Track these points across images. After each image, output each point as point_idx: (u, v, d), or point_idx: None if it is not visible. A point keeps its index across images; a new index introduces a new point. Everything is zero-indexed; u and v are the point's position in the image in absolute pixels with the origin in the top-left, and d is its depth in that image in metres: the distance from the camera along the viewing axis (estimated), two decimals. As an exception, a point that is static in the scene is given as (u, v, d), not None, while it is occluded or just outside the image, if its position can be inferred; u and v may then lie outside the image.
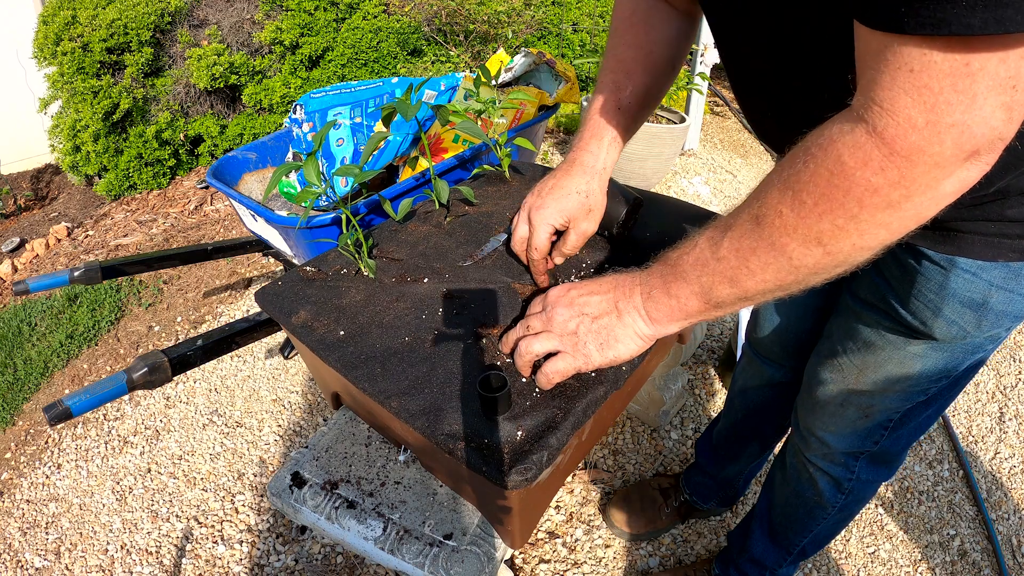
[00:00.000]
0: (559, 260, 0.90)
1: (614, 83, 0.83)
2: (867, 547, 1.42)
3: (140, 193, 3.10)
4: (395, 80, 1.83)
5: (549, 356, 0.69)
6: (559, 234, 0.86)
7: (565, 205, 0.82)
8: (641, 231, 1.06)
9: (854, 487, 0.95)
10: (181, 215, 2.87)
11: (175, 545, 1.46)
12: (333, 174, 0.98)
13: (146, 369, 1.18)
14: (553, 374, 0.68)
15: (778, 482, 1.09)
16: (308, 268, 0.99)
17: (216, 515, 1.52)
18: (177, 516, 1.53)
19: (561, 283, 0.77)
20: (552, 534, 1.43)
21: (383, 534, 0.86)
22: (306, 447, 1.00)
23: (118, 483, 1.62)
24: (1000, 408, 1.76)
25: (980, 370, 1.90)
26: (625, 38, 0.83)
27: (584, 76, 3.49)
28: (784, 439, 1.24)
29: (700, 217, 1.13)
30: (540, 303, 0.72)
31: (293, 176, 1.76)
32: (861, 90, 0.44)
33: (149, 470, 1.65)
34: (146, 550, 1.46)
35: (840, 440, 0.91)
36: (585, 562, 1.37)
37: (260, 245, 1.86)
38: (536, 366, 0.71)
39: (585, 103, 2.68)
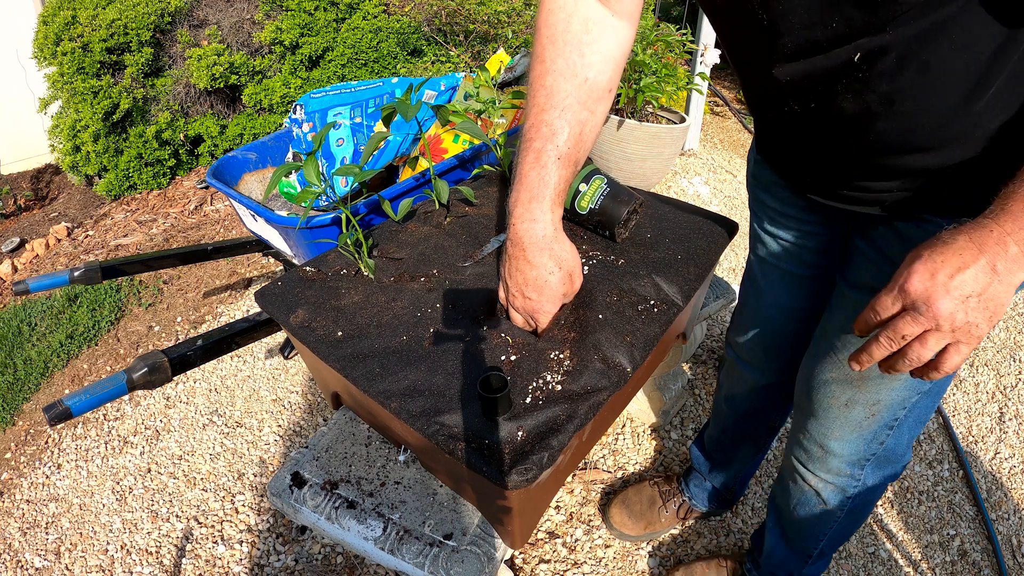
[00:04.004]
0: None
1: (547, 127, 0.72)
2: (867, 547, 1.42)
3: (140, 193, 3.10)
4: (395, 80, 1.83)
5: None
6: None
7: (552, 293, 0.77)
8: (641, 231, 1.06)
9: (860, 491, 0.95)
10: (181, 215, 2.87)
11: (175, 545, 1.46)
12: (333, 174, 0.99)
13: (146, 369, 1.18)
14: (951, 368, 0.58)
15: (779, 495, 1.08)
16: (308, 268, 0.99)
17: (216, 515, 1.52)
18: (177, 516, 1.53)
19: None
20: (552, 534, 1.43)
21: (383, 534, 0.86)
22: (306, 447, 1.00)
23: (118, 483, 1.62)
24: (1000, 408, 1.76)
25: (980, 370, 1.89)
26: (556, 64, 0.71)
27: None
28: (782, 449, 1.23)
29: (700, 217, 1.13)
30: (895, 299, 0.56)
31: (293, 176, 1.76)
32: None
33: (149, 470, 1.65)
34: (146, 550, 1.46)
35: (845, 446, 0.89)
36: (585, 562, 1.37)
37: (260, 245, 1.86)
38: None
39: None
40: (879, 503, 1.51)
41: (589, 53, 0.71)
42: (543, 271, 0.75)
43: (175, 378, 1.44)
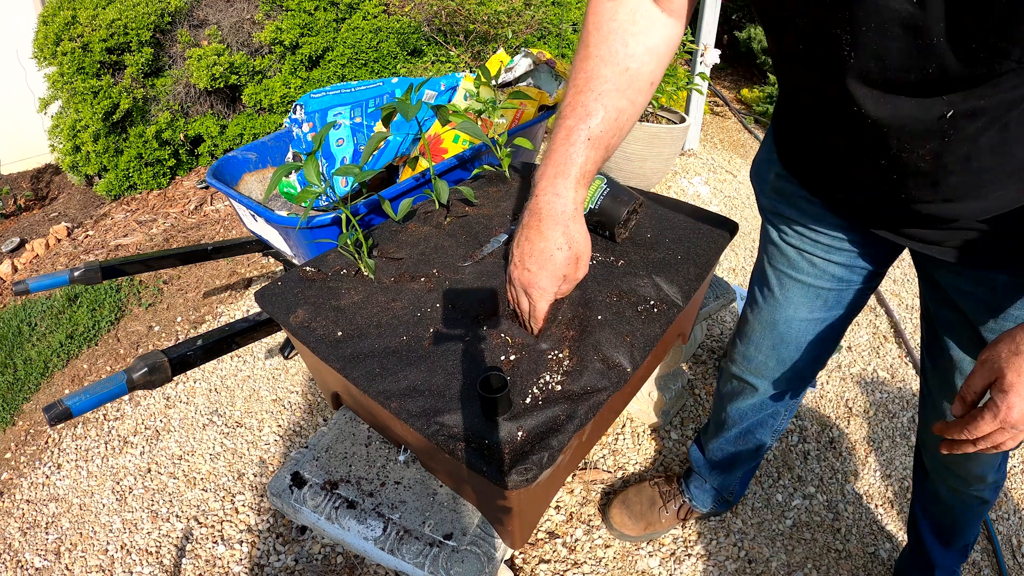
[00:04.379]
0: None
1: (583, 107, 0.72)
2: (867, 547, 1.42)
3: (140, 193, 3.10)
4: (395, 80, 1.83)
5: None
6: None
7: (554, 270, 0.77)
8: (641, 231, 1.06)
9: (1003, 475, 1.02)
10: (181, 215, 2.87)
11: (175, 545, 1.46)
12: (333, 174, 0.99)
13: (146, 369, 1.18)
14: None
15: (937, 514, 1.13)
16: (308, 268, 0.99)
17: (216, 515, 1.52)
18: (177, 516, 1.53)
19: None
20: (552, 534, 1.43)
21: (383, 534, 0.86)
22: (306, 447, 1.00)
23: (118, 483, 1.62)
24: (1000, 408, 1.76)
25: (980, 370, 1.90)
26: (599, 50, 0.71)
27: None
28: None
29: (700, 217, 1.13)
30: (995, 425, 0.60)
31: (293, 176, 1.76)
32: None
33: (149, 470, 1.65)
34: (146, 550, 1.46)
35: (991, 465, 0.96)
36: (585, 562, 1.37)
37: (260, 245, 1.86)
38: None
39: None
40: (879, 504, 1.51)
41: (633, 44, 0.71)
42: (551, 244, 0.75)
43: (175, 378, 1.44)
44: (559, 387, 0.77)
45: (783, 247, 0.96)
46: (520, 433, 0.71)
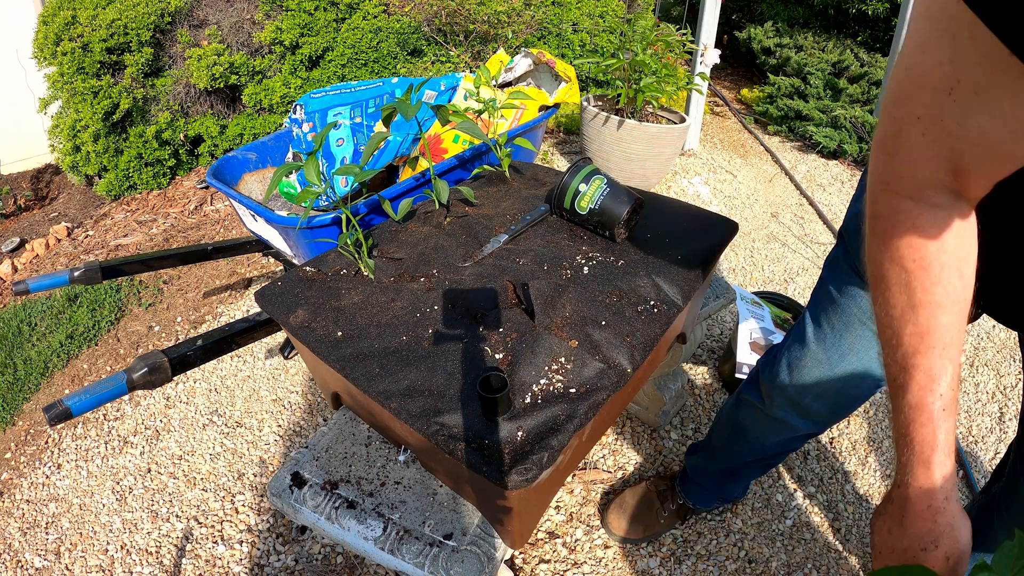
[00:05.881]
0: None
1: (925, 373, 0.58)
2: (867, 547, 1.42)
3: (140, 193, 3.10)
4: (395, 80, 1.83)
5: None
6: None
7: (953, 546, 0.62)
8: (641, 231, 1.07)
9: None
10: (181, 215, 2.87)
11: (175, 545, 1.46)
12: (333, 174, 0.99)
13: (146, 369, 1.18)
14: None
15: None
16: (308, 268, 0.99)
17: (216, 515, 1.52)
18: (177, 516, 1.53)
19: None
20: (552, 534, 1.43)
21: (383, 534, 0.86)
22: (306, 447, 1.00)
23: (118, 483, 1.62)
24: (1000, 408, 1.76)
25: (980, 370, 1.89)
26: (931, 295, 0.56)
27: (584, 76, 3.49)
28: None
29: (700, 217, 1.13)
30: None
31: (293, 176, 1.76)
32: None
33: (149, 470, 1.65)
34: (146, 550, 1.46)
35: None
36: (585, 562, 1.37)
37: (260, 245, 1.86)
38: None
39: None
40: (878, 504, 1.51)
41: (968, 268, 0.56)
42: (914, 544, 0.63)
43: (175, 378, 1.44)
44: (559, 387, 0.77)
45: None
46: (520, 433, 0.71)
